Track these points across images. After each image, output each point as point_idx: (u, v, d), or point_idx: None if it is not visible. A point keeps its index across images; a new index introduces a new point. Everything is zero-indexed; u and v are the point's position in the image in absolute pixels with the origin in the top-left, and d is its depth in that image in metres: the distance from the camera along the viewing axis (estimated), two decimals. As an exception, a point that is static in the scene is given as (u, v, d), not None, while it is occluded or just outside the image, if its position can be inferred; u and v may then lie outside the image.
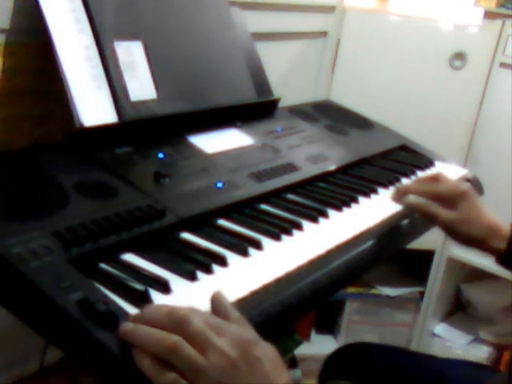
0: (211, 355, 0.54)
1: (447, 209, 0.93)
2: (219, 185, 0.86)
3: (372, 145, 1.24)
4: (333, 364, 1.14)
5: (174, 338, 0.54)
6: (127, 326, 0.55)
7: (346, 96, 1.53)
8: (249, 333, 0.58)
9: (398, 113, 1.68)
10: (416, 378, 1.03)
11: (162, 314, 0.56)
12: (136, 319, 0.56)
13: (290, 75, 1.61)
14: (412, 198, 0.94)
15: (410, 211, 0.95)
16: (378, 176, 1.09)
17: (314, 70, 1.74)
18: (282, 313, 0.67)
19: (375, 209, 0.96)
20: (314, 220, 0.86)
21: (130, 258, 0.69)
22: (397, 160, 1.22)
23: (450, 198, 0.93)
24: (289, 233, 0.81)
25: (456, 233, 0.93)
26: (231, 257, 0.72)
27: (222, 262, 0.70)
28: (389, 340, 1.98)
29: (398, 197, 0.97)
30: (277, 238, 0.79)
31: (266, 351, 0.57)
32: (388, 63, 1.73)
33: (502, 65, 1.71)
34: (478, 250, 0.95)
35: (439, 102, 1.74)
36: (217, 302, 0.60)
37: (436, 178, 0.98)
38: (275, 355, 0.58)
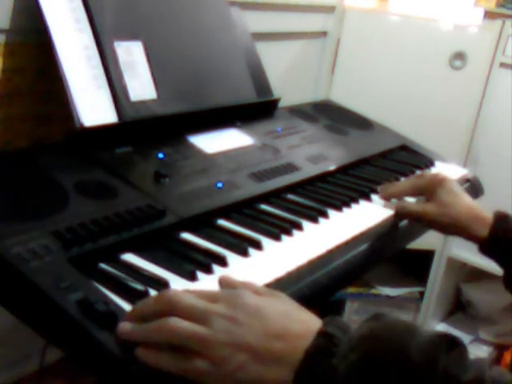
0: (212, 322, 0.53)
1: (427, 201, 0.93)
2: (219, 185, 0.86)
3: (372, 145, 1.24)
4: None
5: (170, 321, 0.53)
6: (124, 326, 0.55)
7: (346, 96, 1.53)
8: (241, 290, 0.57)
9: (398, 113, 1.68)
10: None
11: (151, 303, 0.56)
12: (130, 317, 0.56)
13: (290, 75, 1.61)
14: (391, 204, 0.96)
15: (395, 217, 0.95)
16: (378, 176, 1.09)
17: (313, 70, 1.74)
18: (282, 313, 0.67)
19: (375, 209, 0.96)
20: (314, 220, 0.86)
21: (129, 258, 0.69)
22: (397, 160, 1.22)
23: (429, 188, 0.93)
24: (289, 233, 0.81)
25: (438, 223, 0.92)
26: (231, 257, 0.72)
27: (222, 262, 0.70)
28: (389, 340, 1.98)
29: (384, 197, 0.99)
30: (277, 238, 0.79)
31: (268, 299, 0.57)
32: (388, 63, 1.73)
33: (502, 65, 1.71)
34: (462, 238, 0.93)
35: (439, 102, 1.74)
36: (223, 281, 0.62)
37: (420, 176, 1.00)
38: (281, 299, 0.58)
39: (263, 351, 0.53)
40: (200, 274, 0.67)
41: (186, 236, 0.76)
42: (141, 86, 0.93)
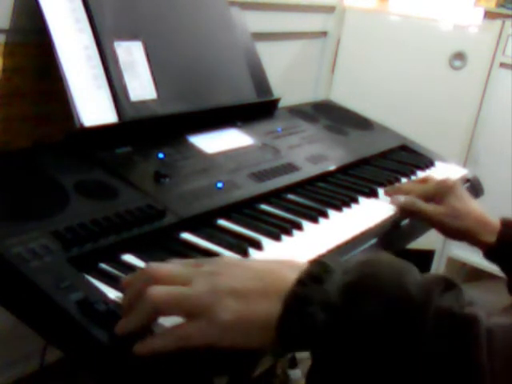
0: (193, 281, 0.53)
1: (436, 204, 0.93)
2: (219, 185, 0.86)
3: (372, 145, 1.24)
4: None
5: (148, 292, 0.52)
6: (120, 325, 0.54)
7: (346, 96, 1.54)
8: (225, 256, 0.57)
9: (398, 113, 1.68)
10: None
11: (133, 285, 0.55)
12: (125, 309, 0.55)
13: (289, 75, 1.61)
14: (399, 199, 0.95)
15: (400, 213, 0.95)
16: (378, 176, 1.09)
17: (313, 70, 1.74)
18: (282, 313, 0.67)
19: (375, 209, 0.96)
20: (314, 220, 0.86)
21: (130, 258, 0.69)
22: (397, 160, 1.22)
23: (438, 194, 0.93)
24: (289, 233, 0.81)
25: (445, 226, 0.92)
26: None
27: (222, 262, 0.70)
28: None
29: (390, 195, 0.99)
30: (277, 238, 0.79)
31: (256, 260, 0.57)
32: (388, 63, 1.74)
33: (502, 65, 1.71)
34: (467, 243, 0.94)
35: (439, 102, 1.74)
36: None
37: (425, 180, 1.00)
38: (272, 260, 0.57)
39: (247, 291, 0.52)
40: (200, 274, 0.67)
41: (186, 236, 0.76)
42: (141, 86, 0.93)
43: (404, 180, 1.11)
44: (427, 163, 1.23)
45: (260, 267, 0.54)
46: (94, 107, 0.85)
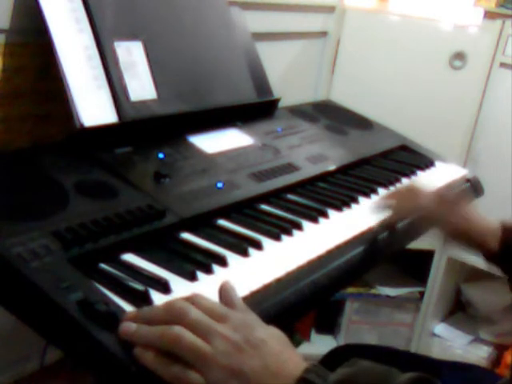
0: (214, 341, 0.54)
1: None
2: (219, 185, 0.86)
3: (372, 145, 1.24)
4: (328, 364, 1.13)
5: (175, 329, 0.54)
6: (127, 326, 0.55)
7: (346, 96, 1.53)
8: (252, 317, 0.58)
9: (397, 113, 1.67)
10: None
11: (160, 309, 0.56)
12: (135, 318, 0.56)
13: (289, 75, 1.61)
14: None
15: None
16: (378, 176, 1.09)
17: (314, 70, 1.74)
18: (282, 313, 0.67)
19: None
20: (314, 220, 0.86)
21: (130, 258, 0.69)
22: (397, 160, 1.22)
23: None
24: (289, 233, 0.81)
25: (450, 226, 0.93)
26: (231, 257, 0.72)
27: (222, 262, 0.70)
28: (389, 340, 1.98)
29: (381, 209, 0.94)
30: (277, 238, 0.79)
31: (272, 334, 0.57)
32: (388, 63, 1.73)
33: (502, 65, 1.71)
34: (466, 247, 0.95)
35: (439, 102, 1.73)
36: (223, 291, 0.61)
37: (413, 192, 0.93)
38: (282, 337, 0.58)
39: None
40: (200, 274, 0.67)
41: (186, 236, 0.76)
42: (141, 86, 0.93)
43: (404, 180, 1.11)
44: (427, 163, 1.23)
45: (276, 357, 0.55)
46: (94, 107, 0.85)
